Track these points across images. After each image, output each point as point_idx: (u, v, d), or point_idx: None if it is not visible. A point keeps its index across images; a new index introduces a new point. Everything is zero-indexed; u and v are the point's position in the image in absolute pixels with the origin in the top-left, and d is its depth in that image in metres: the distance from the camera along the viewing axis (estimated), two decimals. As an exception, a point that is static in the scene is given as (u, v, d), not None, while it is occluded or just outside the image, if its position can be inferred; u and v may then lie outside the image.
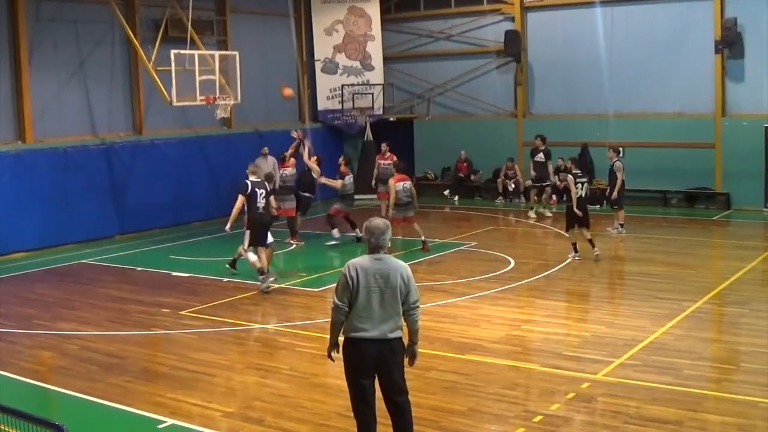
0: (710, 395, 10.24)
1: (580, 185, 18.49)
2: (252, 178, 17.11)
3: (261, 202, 16.92)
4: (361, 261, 8.12)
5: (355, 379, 8.15)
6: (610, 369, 11.22)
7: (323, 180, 21.30)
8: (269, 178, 18.44)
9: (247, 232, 16.92)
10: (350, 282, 7.98)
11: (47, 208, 21.93)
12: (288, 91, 23.78)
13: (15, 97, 21.91)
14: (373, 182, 24.18)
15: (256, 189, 16.91)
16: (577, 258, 18.45)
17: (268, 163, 22.59)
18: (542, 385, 10.84)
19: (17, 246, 21.31)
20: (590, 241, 18.57)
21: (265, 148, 23.24)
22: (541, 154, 24.42)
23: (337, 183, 21.11)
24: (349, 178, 21.34)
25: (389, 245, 8.34)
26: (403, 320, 8.15)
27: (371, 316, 7.99)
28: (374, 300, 7.98)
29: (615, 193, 21.26)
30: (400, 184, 20.00)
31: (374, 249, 8.15)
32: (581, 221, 18.56)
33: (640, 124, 26.09)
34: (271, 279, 16.76)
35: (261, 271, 16.61)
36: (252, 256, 16.90)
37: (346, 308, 8.02)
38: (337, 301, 8.05)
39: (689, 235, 21.61)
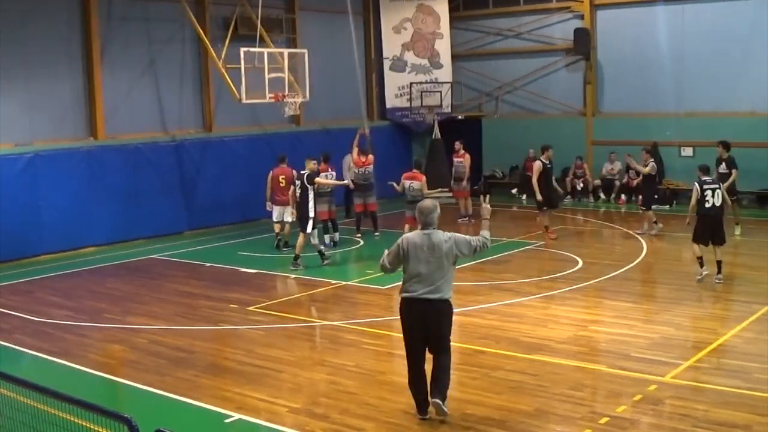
0: (781, 400, 10.07)
1: (710, 192, 15.96)
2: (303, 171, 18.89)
3: (297, 192, 18.77)
4: (413, 236, 9.65)
5: (406, 331, 9.71)
6: (679, 371, 11.08)
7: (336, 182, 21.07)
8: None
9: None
10: (400, 252, 9.60)
11: (118, 203, 22.30)
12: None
13: (87, 95, 22.28)
14: (452, 180, 24.34)
15: (296, 180, 19.01)
16: (704, 274, 16.01)
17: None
18: (609, 386, 10.74)
19: (89, 240, 21.70)
20: (718, 262, 16.06)
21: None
22: (723, 165, 20.84)
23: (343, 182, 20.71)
24: (324, 176, 20.49)
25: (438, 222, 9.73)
26: (447, 284, 9.58)
27: (419, 281, 9.46)
28: (422, 267, 9.46)
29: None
30: (407, 182, 19.79)
31: (424, 225, 9.63)
32: (714, 236, 16.18)
33: (712, 123, 25.67)
34: (300, 268, 18.40)
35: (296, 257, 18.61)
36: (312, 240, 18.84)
37: (390, 269, 9.83)
38: (385, 262, 9.82)
39: (760, 237, 21.21)
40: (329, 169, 20.89)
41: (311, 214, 18.46)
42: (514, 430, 9.33)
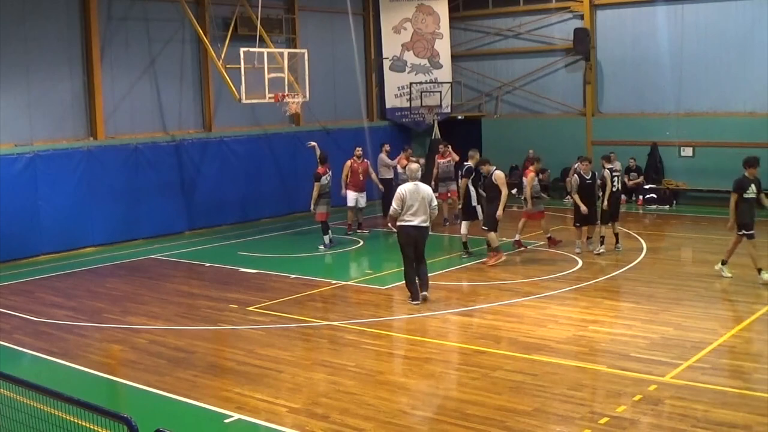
0: (781, 400, 10.06)
1: (616, 179, 19.41)
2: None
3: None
4: (408, 186, 14.79)
5: (404, 248, 14.93)
6: (678, 371, 11.07)
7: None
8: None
9: None
10: (402, 197, 14.64)
11: (118, 203, 22.30)
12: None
13: (87, 95, 22.29)
14: (432, 182, 23.88)
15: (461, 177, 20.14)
16: (602, 251, 19.02)
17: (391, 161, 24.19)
18: (609, 386, 10.73)
19: (89, 241, 21.71)
20: (616, 234, 19.68)
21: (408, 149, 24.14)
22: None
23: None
24: (325, 178, 20.78)
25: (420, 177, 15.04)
26: (429, 217, 14.77)
27: (413, 214, 14.66)
28: (414, 205, 14.63)
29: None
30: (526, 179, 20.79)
31: (413, 179, 14.83)
32: (614, 216, 19.50)
33: (711, 123, 25.69)
34: (465, 256, 19.15)
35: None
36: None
37: (400, 210, 14.66)
38: (395, 207, 14.72)
39: (760, 237, 21.13)
40: (328, 170, 20.90)
41: (473, 203, 19.20)
42: (514, 430, 9.33)
